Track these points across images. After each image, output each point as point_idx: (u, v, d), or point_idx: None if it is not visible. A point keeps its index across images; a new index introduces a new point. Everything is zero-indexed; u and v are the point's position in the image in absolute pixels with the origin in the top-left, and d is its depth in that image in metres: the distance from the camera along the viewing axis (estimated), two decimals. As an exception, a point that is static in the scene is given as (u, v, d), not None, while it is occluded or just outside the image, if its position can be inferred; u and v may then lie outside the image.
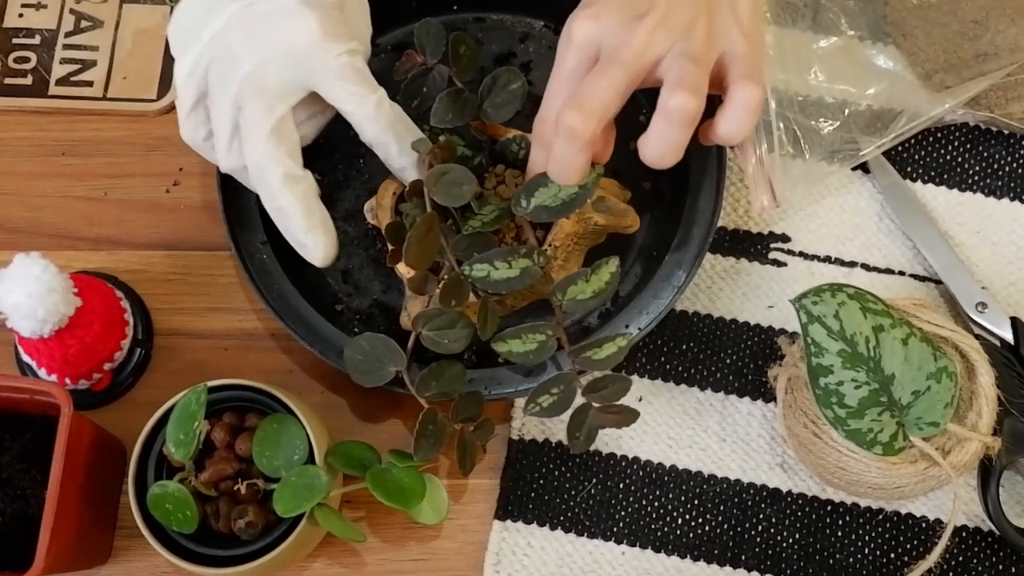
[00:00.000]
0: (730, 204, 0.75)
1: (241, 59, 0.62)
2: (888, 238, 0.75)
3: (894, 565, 0.68)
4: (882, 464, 0.63)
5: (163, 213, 0.76)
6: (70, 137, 0.77)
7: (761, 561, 0.69)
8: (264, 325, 0.73)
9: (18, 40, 0.79)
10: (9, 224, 0.76)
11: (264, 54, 0.62)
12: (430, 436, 0.64)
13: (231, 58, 0.62)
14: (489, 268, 0.62)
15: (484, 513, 0.70)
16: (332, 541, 0.68)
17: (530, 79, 0.76)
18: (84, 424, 0.64)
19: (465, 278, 0.62)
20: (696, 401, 0.72)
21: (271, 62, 0.62)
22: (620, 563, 0.69)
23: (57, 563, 0.61)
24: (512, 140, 0.68)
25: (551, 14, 0.77)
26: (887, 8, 0.78)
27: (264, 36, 0.62)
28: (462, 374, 0.65)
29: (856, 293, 0.63)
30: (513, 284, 0.62)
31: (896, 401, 0.63)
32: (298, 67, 0.62)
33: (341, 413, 0.71)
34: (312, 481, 0.61)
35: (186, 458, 0.60)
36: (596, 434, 0.66)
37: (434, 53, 0.68)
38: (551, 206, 0.62)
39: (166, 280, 0.74)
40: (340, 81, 0.62)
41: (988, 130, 0.77)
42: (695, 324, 0.73)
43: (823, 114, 0.75)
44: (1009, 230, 0.75)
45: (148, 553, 0.65)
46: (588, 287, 0.63)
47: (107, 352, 0.69)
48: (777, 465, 0.70)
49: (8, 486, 0.64)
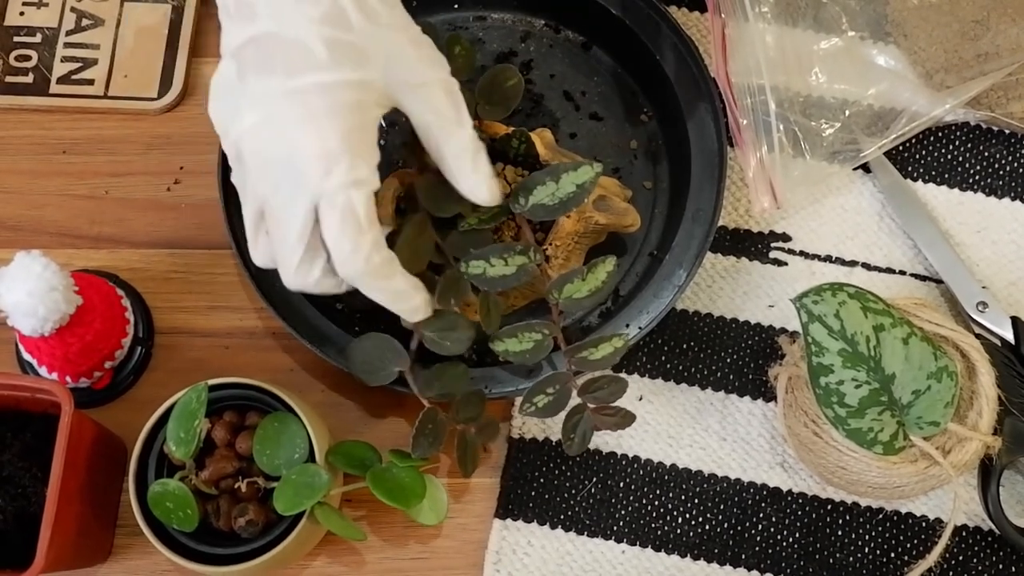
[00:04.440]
0: (731, 203, 0.75)
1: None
2: (889, 237, 0.75)
3: (894, 564, 0.68)
4: (882, 463, 0.63)
5: (164, 211, 0.76)
6: (71, 135, 0.77)
7: (761, 560, 0.69)
8: (265, 324, 0.73)
9: (19, 38, 0.79)
10: (10, 222, 0.76)
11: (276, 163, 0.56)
12: (429, 435, 0.64)
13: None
14: (485, 265, 0.62)
15: (484, 512, 0.70)
16: (332, 540, 0.68)
17: (531, 78, 0.77)
18: (85, 422, 0.64)
19: (462, 275, 0.62)
20: (696, 400, 0.72)
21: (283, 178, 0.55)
22: (620, 562, 0.69)
23: (58, 561, 0.61)
24: (511, 136, 0.68)
25: (552, 13, 0.77)
26: (888, 8, 0.78)
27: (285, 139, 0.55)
28: (465, 374, 0.65)
29: (857, 292, 0.63)
30: (509, 281, 0.62)
31: (896, 400, 0.63)
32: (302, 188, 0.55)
33: (342, 412, 0.71)
34: (312, 479, 0.61)
35: (187, 456, 0.60)
36: (591, 436, 0.66)
37: None
38: (549, 204, 0.62)
39: (167, 278, 0.74)
40: (332, 218, 0.55)
41: (989, 129, 0.77)
42: (696, 323, 0.73)
43: (824, 115, 0.75)
44: (1010, 229, 0.75)
45: (148, 551, 0.65)
46: (584, 285, 0.63)
47: (108, 350, 0.69)
48: (777, 464, 0.70)
49: (9, 484, 0.64)
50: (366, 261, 0.56)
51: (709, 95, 0.72)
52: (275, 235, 0.57)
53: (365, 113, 0.56)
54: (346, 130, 0.55)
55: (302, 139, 0.54)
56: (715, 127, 0.71)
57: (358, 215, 0.55)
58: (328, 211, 0.54)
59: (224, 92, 0.57)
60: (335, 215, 0.54)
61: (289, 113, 0.54)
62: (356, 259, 0.55)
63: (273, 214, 0.56)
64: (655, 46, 0.73)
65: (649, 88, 0.76)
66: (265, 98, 0.55)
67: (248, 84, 0.55)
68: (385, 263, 0.57)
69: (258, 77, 0.55)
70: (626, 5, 0.74)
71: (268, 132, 0.55)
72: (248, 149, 0.56)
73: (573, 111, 0.76)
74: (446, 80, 0.59)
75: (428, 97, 0.58)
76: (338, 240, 0.55)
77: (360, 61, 0.55)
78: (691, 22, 0.79)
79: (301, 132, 0.54)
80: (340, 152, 0.54)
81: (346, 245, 0.55)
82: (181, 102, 0.78)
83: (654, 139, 0.75)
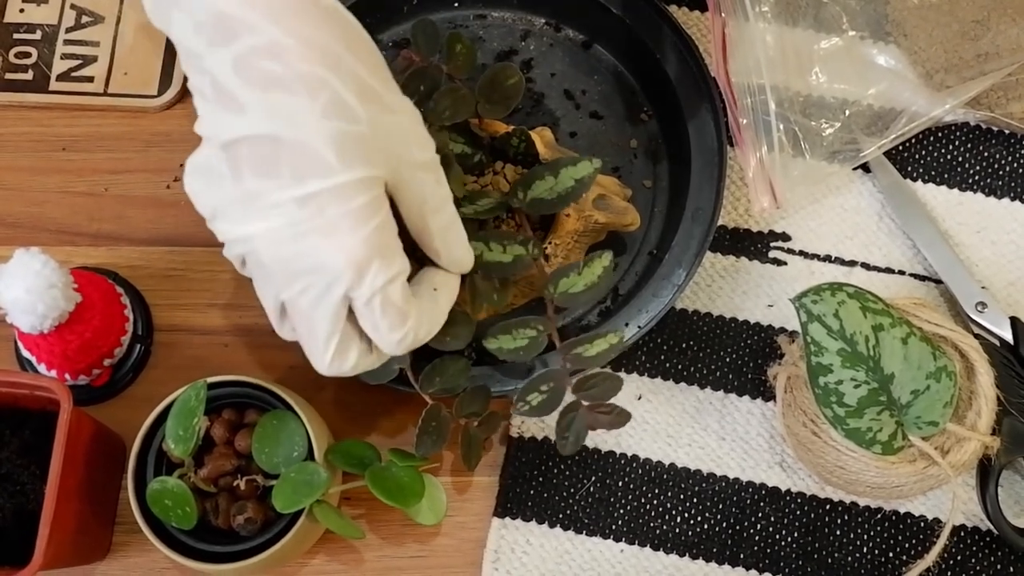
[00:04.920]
0: (730, 203, 0.75)
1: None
2: (888, 237, 0.75)
3: (892, 564, 0.68)
4: (881, 463, 0.63)
5: (163, 209, 0.76)
6: (71, 133, 0.77)
7: (760, 560, 0.69)
8: (264, 321, 0.72)
9: (19, 35, 0.79)
10: (9, 219, 0.76)
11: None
12: (433, 432, 0.64)
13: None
14: (483, 248, 0.62)
15: (483, 510, 0.70)
16: (331, 538, 0.68)
17: (531, 76, 0.77)
18: (84, 420, 0.64)
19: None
20: (695, 399, 0.72)
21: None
22: (619, 561, 0.69)
23: (56, 558, 0.61)
24: (511, 135, 0.68)
25: (552, 11, 0.77)
26: (888, 7, 0.78)
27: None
28: (466, 369, 0.65)
29: (856, 292, 0.63)
30: (505, 269, 0.62)
31: (895, 400, 0.63)
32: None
33: (341, 410, 0.71)
34: (311, 477, 0.61)
35: (185, 454, 0.60)
36: (585, 435, 0.65)
37: (430, 51, 0.68)
38: (547, 198, 0.62)
39: (166, 276, 0.74)
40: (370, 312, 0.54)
41: (989, 130, 0.77)
42: (695, 322, 0.73)
43: (824, 114, 0.75)
44: (1009, 229, 0.75)
45: (147, 549, 0.65)
46: (580, 280, 0.62)
47: (107, 348, 0.69)
48: (776, 464, 0.70)
49: (8, 481, 0.64)
50: (413, 342, 0.55)
51: (709, 94, 0.72)
52: (303, 332, 0.54)
53: (382, 206, 0.53)
54: (369, 233, 0.51)
55: (326, 250, 0.51)
56: (715, 126, 0.72)
57: (397, 306, 0.53)
58: (366, 311, 0.53)
59: (211, 180, 0.53)
60: (374, 314, 0.53)
61: (307, 224, 0.51)
62: (404, 344, 0.55)
63: (300, 314, 0.53)
64: (655, 45, 0.73)
65: (649, 87, 0.76)
66: (274, 205, 0.51)
67: (246, 184, 0.51)
68: (430, 334, 0.56)
69: (259, 180, 0.51)
70: (627, 4, 0.74)
71: (286, 240, 0.51)
72: (267, 256, 0.52)
73: (573, 110, 0.76)
74: (435, 155, 0.56)
75: (426, 177, 0.55)
76: (382, 333, 0.54)
77: (369, 154, 0.52)
78: (691, 21, 0.79)
79: (324, 243, 0.51)
80: (368, 259, 0.51)
81: (393, 336, 0.54)
82: (181, 99, 0.78)
83: (654, 138, 0.75)
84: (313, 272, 0.52)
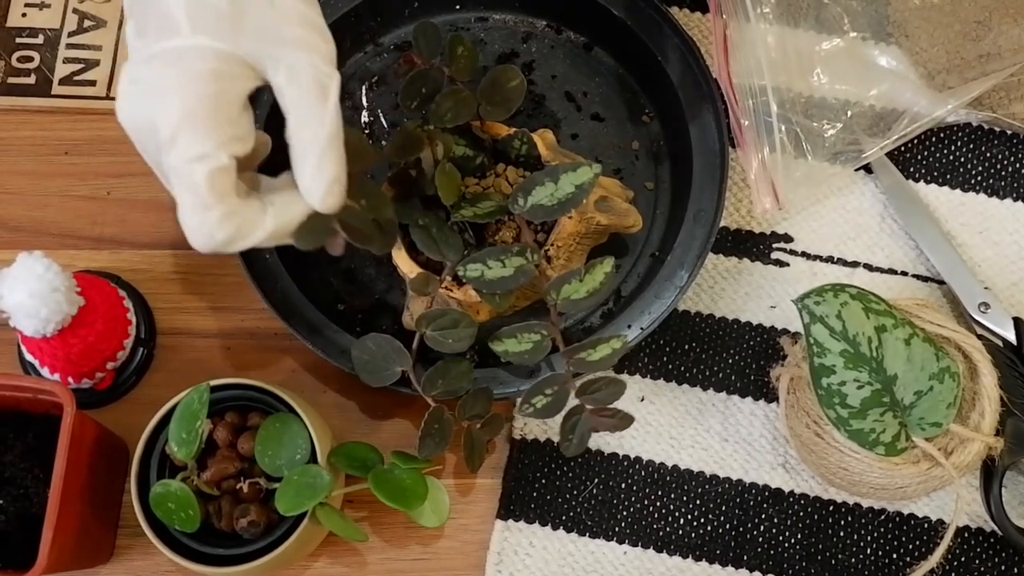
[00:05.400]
0: (733, 204, 0.75)
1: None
2: (891, 238, 0.75)
3: (896, 566, 0.68)
4: (884, 464, 0.63)
5: (166, 212, 0.76)
6: (73, 136, 0.77)
7: (763, 561, 0.69)
8: (266, 324, 0.73)
9: (21, 39, 0.79)
10: (12, 223, 0.76)
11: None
12: (436, 435, 0.64)
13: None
14: (483, 268, 0.62)
15: (486, 513, 0.70)
16: (334, 540, 0.68)
17: (533, 79, 0.77)
18: (87, 423, 0.64)
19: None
20: (698, 401, 0.72)
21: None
22: (622, 563, 0.69)
23: (59, 562, 0.61)
24: (513, 137, 0.68)
25: (554, 14, 0.78)
26: (890, 8, 0.78)
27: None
28: (469, 371, 0.65)
29: (859, 293, 0.63)
30: (508, 283, 0.62)
31: (898, 401, 0.63)
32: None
33: (344, 412, 0.71)
34: (314, 480, 0.61)
35: (188, 457, 0.60)
36: (589, 437, 0.66)
37: (432, 54, 0.68)
38: (548, 205, 0.62)
39: (169, 279, 0.74)
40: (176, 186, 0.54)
41: (991, 130, 0.77)
42: (697, 324, 0.73)
43: (826, 115, 0.75)
44: (1012, 230, 0.75)
45: (150, 552, 0.65)
46: (583, 286, 0.63)
47: (110, 351, 0.69)
48: (779, 465, 0.70)
49: (11, 485, 0.64)
50: (210, 238, 0.53)
51: (711, 96, 0.72)
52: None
53: (220, 83, 0.52)
54: (191, 101, 0.52)
55: (153, 109, 0.52)
56: (717, 128, 0.71)
57: (198, 191, 0.52)
58: (175, 187, 0.53)
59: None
60: (180, 191, 0.53)
61: (147, 79, 0.53)
62: (199, 237, 0.53)
63: (161, 176, 0.55)
64: (657, 47, 0.73)
65: (651, 89, 0.76)
66: (133, 61, 0.54)
67: (130, 43, 0.55)
68: (232, 240, 0.54)
69: (135, 37, 0.54)
70: (628, 6, 0.74)
71: (132, 96, 0.53)
72: (120, 116, 0.54)
73: (575, 112, 0.76)
74: (320, 67, 0.54)
75: (293, 76, 0.54)
76: (183, 217, 0.53)
77: (224, 29, 0.52)
78: (693, 23, 0.79)
79: (153, 102, 0.52)
80: (177, 125, 0.52)
81: (188, 220, 0.53)
82: (183, 103, 0.78)
83: (656, 140, 0.75)
84: (145, 132, 0.53)
